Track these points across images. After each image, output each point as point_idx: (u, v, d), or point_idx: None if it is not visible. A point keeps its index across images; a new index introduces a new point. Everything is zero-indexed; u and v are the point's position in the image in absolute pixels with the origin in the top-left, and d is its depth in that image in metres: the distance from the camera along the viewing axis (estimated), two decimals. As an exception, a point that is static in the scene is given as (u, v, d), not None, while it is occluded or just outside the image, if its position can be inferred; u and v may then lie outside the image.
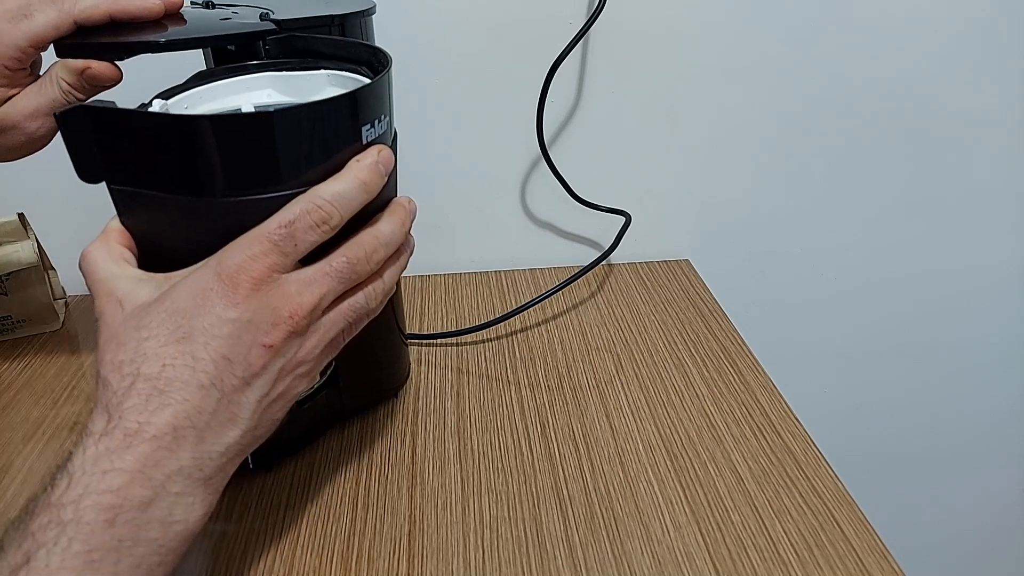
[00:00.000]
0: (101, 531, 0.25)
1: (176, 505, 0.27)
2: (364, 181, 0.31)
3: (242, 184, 0.30)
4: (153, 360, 0.27)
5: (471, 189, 0.69)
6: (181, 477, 0.27)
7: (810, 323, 0.83)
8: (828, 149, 0.72)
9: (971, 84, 0.69)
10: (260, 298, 0.28)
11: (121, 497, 0.26)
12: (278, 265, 0.29)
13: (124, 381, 0.27)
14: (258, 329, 0.28)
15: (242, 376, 0.28)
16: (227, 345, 0.28)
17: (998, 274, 0.82)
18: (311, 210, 0.29)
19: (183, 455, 0.27)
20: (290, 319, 0.29)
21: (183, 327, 0.28)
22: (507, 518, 0.43)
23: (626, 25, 0.62)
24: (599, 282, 0.70)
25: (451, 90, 0.63)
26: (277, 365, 0.29)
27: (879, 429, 0.93)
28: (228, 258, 0.29)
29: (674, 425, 0.51)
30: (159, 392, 0.27)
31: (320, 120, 0.30)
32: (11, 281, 0.60)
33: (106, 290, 0.30)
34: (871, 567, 0.40)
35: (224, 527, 0.43)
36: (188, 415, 0.27)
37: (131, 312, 0.29)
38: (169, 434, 0.27)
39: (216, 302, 0.28)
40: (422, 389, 0.55)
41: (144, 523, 0.26)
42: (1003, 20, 0.66)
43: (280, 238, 0.29)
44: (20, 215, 0.59)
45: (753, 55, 0.65)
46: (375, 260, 0.32)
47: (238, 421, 0.29)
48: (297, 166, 0.30)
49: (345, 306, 0.32)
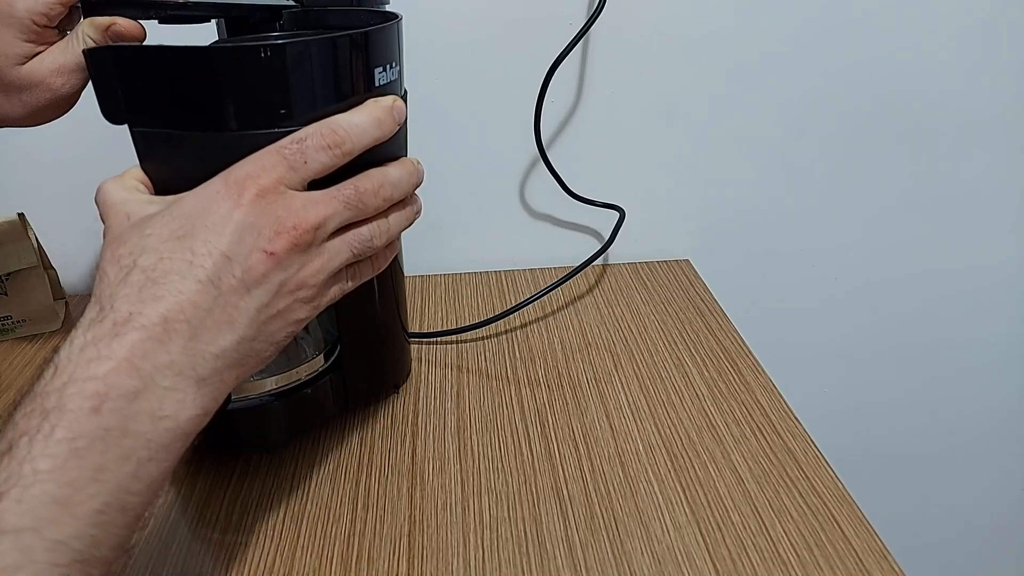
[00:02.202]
0: (86, 418, 0.24)
1: (165, 399, 0.26)
2: (379, 119, 0.32)
3: (259, 118, 0.30)
4: (151, 253, 0.27)
5: (471, 189, 0.69)
6: (171, 372, 0.26)
7: (810, 323, 0.83)
8: (828, 149, 0.72)
9: (971, 84, 0.69)
10: (265, 205, 0.28)
11: (107, 384, 0.25)
12: (286, 179, 0.29)
13: (120, 272, 0.27)
14: (260, 234, 0.28)
15: (241, 278, 0.28)
16: (228, 243, 0.28)
17: (998, 274, 0.82)
18: (325, 132, 0.30)
19: (174, 348, 0.26)
20: (294, 230, 0.29)
21: (186, 226, 0.28)
22: (507, 518, 0.43)
23: (626, 25, 0.62)
24: (598, 282, 0.70)
25: (451, 90, 0.63)
26: (278, 278, 0.29)
27: (879, 429, 0.93)
28: (238, 167, 0.29)
29: (674, 425, 0.51)
30: (153, 283, 0.27)
31: (333, 54, 0.31)
32: (11, 281, 0.60)
33: (115, 210, 0.30)
34: (871, 567, 0.40)
35: (224, 528, 0.43)
36: (182, 308, 0.27)
37: (137, 220, 0.29)
38: (160, 325, 0.26)
39: (221, 203, 0.28)
40: (422, 389, 0.55)
41: (132, 414, 0.25)
42: (1003, 20, 0.66)
43: (291, 152, 0.29)
44: (20, 215, 0.59)
45: (753, 55, 0.65)
46: (382, 196, 0.33)
47: (235, 326, 0.28)
48: (312, 100, 0.31)
49: (350, 235, 0.32)
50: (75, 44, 0.37)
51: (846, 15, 0.64)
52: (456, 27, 0.61)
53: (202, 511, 0.44)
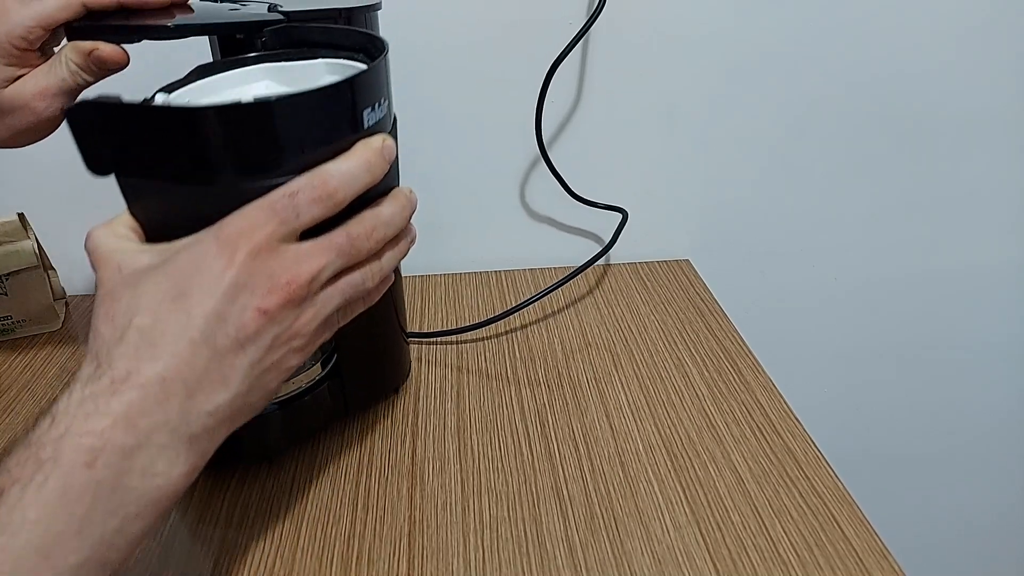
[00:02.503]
0: (79, 472, 0.25)
1: (159, 457, 0.27)
2: (369, 162, 0.31)
3: (247, 171, 0.30)
4: (146, 312, 0.27)
5: (471, 189, 0.69)
6: (167, 430, 0.27)
7: (810, 323, 0.83)
8: (828, 149, 0.72)
9: (971, 84, 0.69)
10: (258, 263, 0.28)
11: (103, 440, 0.25)
12: (278, 234, 0.29)
13: (116, 332, 0.27)
14: (253, 293, 0.28)
15: (235, 337, 0.28)
16: (221, 304, 0.28)
17: (998, 274, 0.82)
18: (316, 184, 0.29)
19: (170, 408, 0.27)
20: (287, 286, 0.29)
21: (179, 286, 0.28)
22: (507, 518, 0.43)
23: (626, 26, 0.62)
24: (599, 282, 0.70)
25: (451, 90, 0.63)
26: (271, 332, 0.29)
27: (879, 429, 0.93)
28: (229, 224, 0.29)
29: (674, 425, 0.51)
30: (150, 343, 0.27)
31: (320, 106, 0.31)
32: (11, 281, 0.60)
33: (106, 259, 0.30)
34: (871, 567, 0.40)
35: (224, 530, 0.43)
36: (178, 368, 0.27)
37: (129, 274, 0.29)
38: (157, 384, 0.26)
39: (213, 263, 0.28)
40: (422, 389, 0.55)
41: (125, 470, 0.26)
42: (1003, 20, 0.66)
43: (283, 207, 0.29)
44: (20, 215, 0.59)
45: (753, 55, 0.65)
46: (375, 238, 0.32)
47: (229, 384, 0.28)
48: (300, 151, 0.30)
49: (343, 283, 0.32)
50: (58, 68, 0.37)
51: (846, 15, 0.64)
52: (456, 28, 0.61)
53: (202, 513, 0.44)
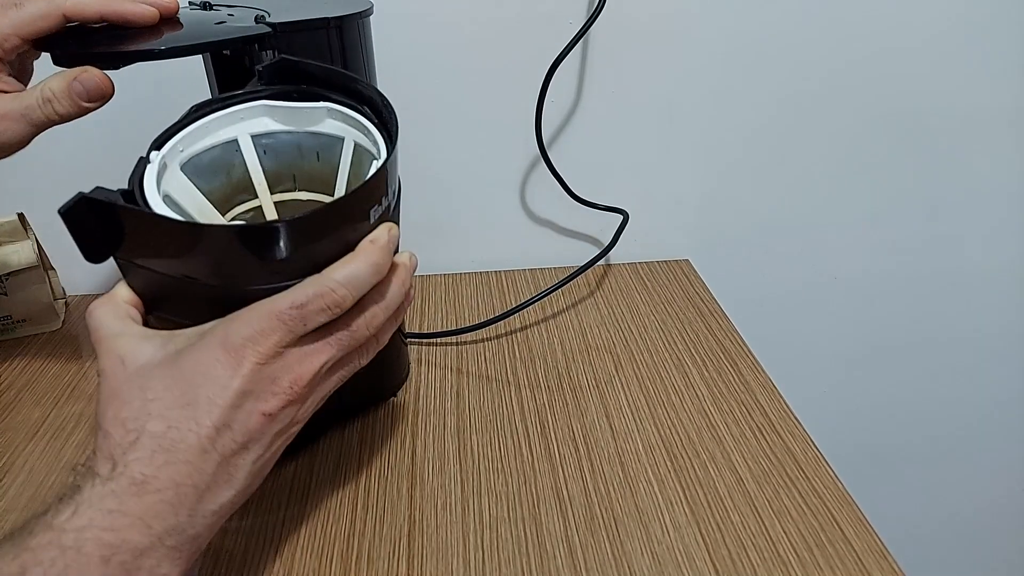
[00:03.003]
0: (96, 566, 0.26)
1: (165, 559, 0.28)
2: (377, 263, 0.31)
3: (250, 279, 0.30)
4: (158, 420, 0.28)
5: (471, 189, 0.69)
6: (176, 532, 0.28)
7: (810, 323, 0.83)
8: (828, 149, 0.72)
9: (971, 84, 0.69)
10: (263, 370, 0.29)
11: (120, 538, 0.26)
12: (284, 342, 0.29)
13: (128, 436, 0.28)
14: (258, 398, 0.29)
15: (241, 442, 0.29)
16: (228, 413, 0.29)
17: (998, 274, 0.82)
18: (324, 293, 0.30)
19: (182, 511, 0.28)
20: (290, 389, 0.30)
21: (188, 394, 0.29)
22: (507, 518, 0.43)
23: (626, 25, 0.62)
24: (599, 282, 0.70)
25: (450, 90, 0.63)
26: (274, 430, 0.30)
27: (879, 429, 0.93)
28: (235, 331, 0.29)
29: (674, 425, 0.51)
30: (164, 450, 0.28)
31: (330, 221, 0.30)
32: (11, 281, 0.60)
33: (108, 347, 0.31)
34: (871, 567, 0.40)
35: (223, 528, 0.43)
36: (189, 474, 0.28)
37: (134, 371, 0.30)
38: (171, 489, 0.28)
39: (220, 373, 0.29)
40: (422, 389, 0.55)
41: (134, 569, 0.27)
42: (1003, 20, 0.66)
43: (290, 319, 0.29)
44: (20, 215, 0.60)
45: (753, 55, 0.65)
46: (375, 325, 0.33)
47: (233, 482, 0.30)
48: (304, 259, 0.30)
49: (344, 371, 0.33)
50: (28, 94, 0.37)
51: (846, 16, 0.64)
52: (456, 27, 0.61)
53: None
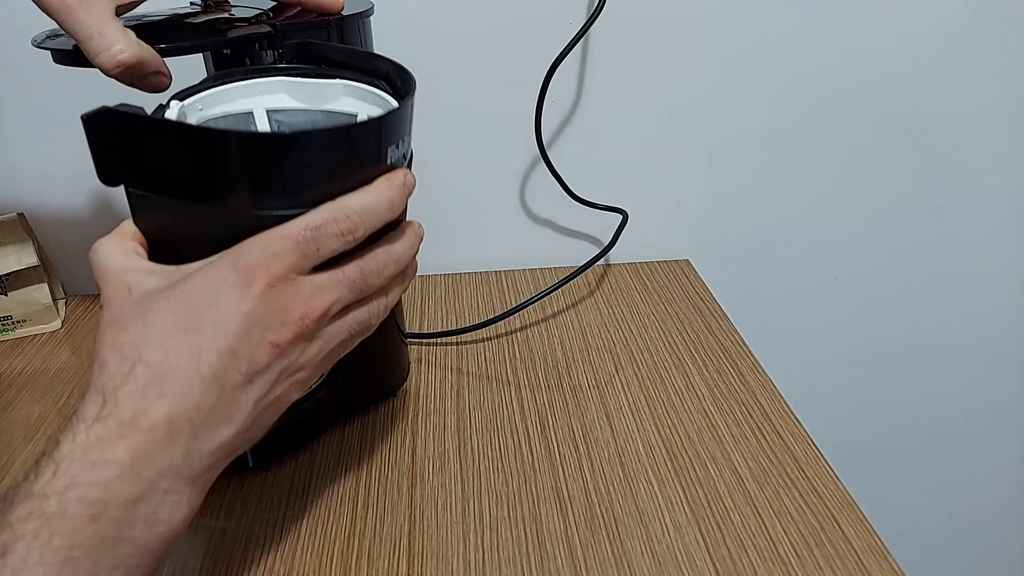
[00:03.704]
0: (84, 527, 0.24)
1: (162, 504, 0.26)
2: (391, 198, 0.31)
3: (263, 199, 0.30)
4: (156, 346, 0.27)
5: (471, 189, 0.69)
6: (171, 474, 0.26)
7: (810, 323, 0.83)
8: (828, 149, 0.72)
9: (971, 84, 0.69)
10: (274, 296, 0.28)
11: (108, 492, 0.25)
12: (297, 266, 0.29)
13: (124, 365, 0.26)
14: (268, 326, 0.28)
15: (245, 373, 0.28)
16: (235, 339, 0.27)
17: (998, 274, 0.82)
18: (339, 218, 0.29)
19: (175, 451, 0.26)
20: (300, 321, 0.29)
21: (192, 317, 0.27)
22: (507, 518, 0.43)
23: (626, 25, 0.62)
24: (599, 282, 0.70)
25: (450, 90, 0.63)
26: (280, 366, 0.29)
27: (879, 429, 0.93)
28: (247, 252, 0.28)
29: (674, 425, 0.51)
30: (159, 380, 0.26)
31: (346, 143, 0.30)
32: (11, 281, 0.60)
33: (114, 280, 0.29)
34: (871, 567, 0.40)
35: (224, 527, 0.43)
36: (185, 408, 0.26)
37: (139, 298, 0.28)
38: (164, 426, 0.26)
39: (229, 294, 0.27)
40: (422, 389, 0.55)
41: (128, 521, 0.25)
42: (1003, 20, 0.66)
43: (304, 240, 0.29)
44: (20, 215, 0.60)
45: (753, 55, 0.65)
46: (385, 275, 0.32)
47: (233, 420, 0.28)
48: (321, 185, 0.30)
49: (350, 317, 0.32)
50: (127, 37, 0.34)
51: (847, 16, 0.64)
52: (456, 27, 0.61)
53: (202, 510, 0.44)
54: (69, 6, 0.32)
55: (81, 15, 0.32)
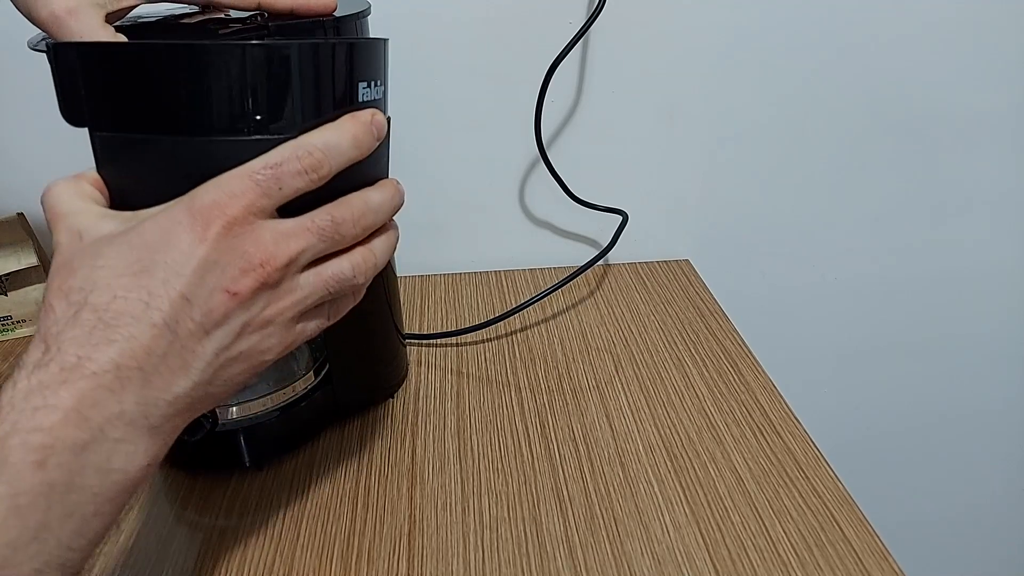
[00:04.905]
0: (29, 474, 0.23)
1: (115, 452, 0.25)
2: (356, 136, 0.29)
3: (232, 122, 0.28)
4: (104, 290, 0.25)
5: (470, 189, 0.69)
6: (122, 422, 0.25)
7: (810, 323, 0.83)
8: (829, 149, 0.72)
9: (971, 84, 0.69)
10: (232, 240, 0.26)
11: (53, 437, 0.23)
12: (257, 207, 0.27)
13: (69, 309, 0.25)
14: (224, 273, 0.26)
15: (199, 321, 0.26)
16: (188, 284, 0.25)
17: (998, 274, 0.82)
18: (301, 155, 0.27)
19: (126, 398, 0.25)
20: (261, 267, 0.27)
21: (143, 260, 0.25)
22: (507, 518, 0.43)
23: (626, 25, 0.62)
24: (599, 282, 0.70)
25: (450, 90, 0.63)
26: (241, 319, 0.27)
27: (879, 429, 0.93)
28: (204, 193, 0.26)
29: (674, 425, 0.51)
30: (105, 325, 0.25)
31: (317, 59, 0.29)
32: (11, 281, 0.60)
33: (67, 224, 0.28)
34: (871, 567, 0.40)
35: (224, 528, 0.43)
36: (134, 354, 0.25)
37: (90, 243, 0.27)
38: (111, 372, 0.24)
39: (183, 237, 0.26)
40: (422, 389, 0.55)
41: (79, 468, 0.24)
42: (1003, 20, 0.66)
43: (264, 179, 0.27)
44: (20, 215, 0.60)
45: (753, 55, 0.65)
46: (362, 225, 0.30)
47: (190, 371, 0.26)
48: (291, 108, 0.29)
49: (328, 273, 0.30)
50: None
51: (847, 16, 0.64)
52: (455, 27, 0.61)
53: (202, 510, 0.44)
54: (59, 17, 0.32)
55: (71, 24, 0.32)
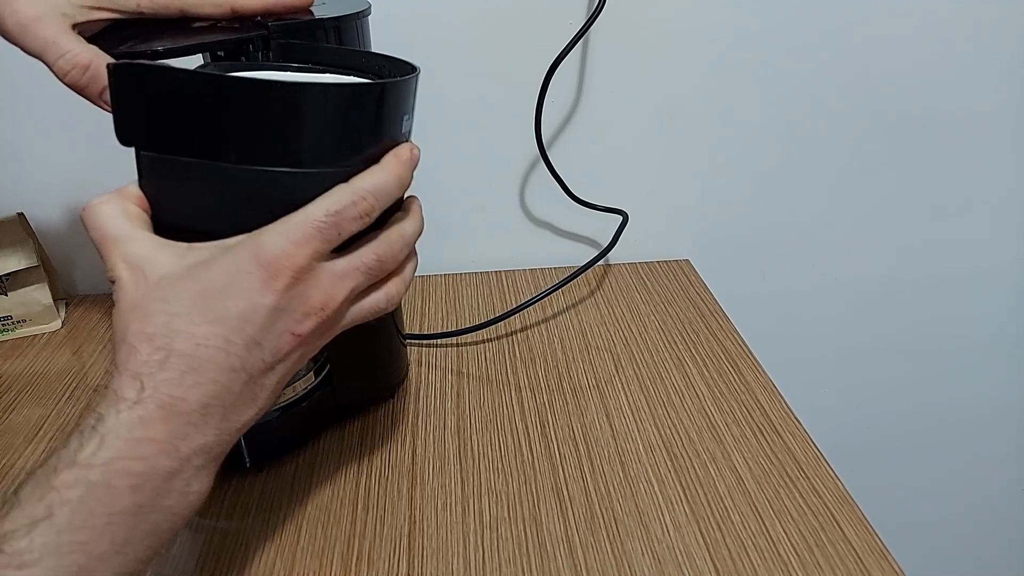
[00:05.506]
0: (125, 497, 0.26)
1: (194, 478, 0.28)
2: (400, 176, 0.32)
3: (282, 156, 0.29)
4: (186, 338, 0.27)
5: (471, 189, 0.69)
6: (204, 452, 0.28)
7: (810, 323, 0.83)
8: (828, 149, 0.72)
9: (971, 84, 0.69)
10: (297, 287, 0.29)
11: (150, 466, 0.26)
12: (319, 253, 0.29)
13: (156, 354, 0.27)
14: (291, 317, 0.29)
15: (268, 361, 0.29)
16: (259, 330, 0.28)
17: (998, 274, 0.82)
18: (356, 201, 0.29)
19: (208, 431, 0.28)
20: (322, 311, 0.30)
21: (216, 309, 0.28)
22: (507, 518, 0.43)
23: (626, 25, 0.62)
24: (599, 282, 0.70)
25: (450, 90, 0.63)
26: (299, 352, 0.30)
27: (879, 429, 0.93)
28: (270, 243, 0.28)
29: (674, 425, 0.51)
30: (193, 370, 0.27)
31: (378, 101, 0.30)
32: (11, 281, 0.60)
33: (122, 252, 0.29)
34: (871, 567, 0.40)
35: (225, 529, 0.43)
36: (218, 394, 0.28)
37: (155, 283, 0.28)
38: (199, 411, 0.27)
39: (255, 287, 0.28)
40: (422, 390, 0.55)
41: (165, 492, 0.27)
42: (1003, 20, 0.66)
43: (326, 226, 0.29)
44: (20, 215, 0.60)
45: (753, 55, 0.65)
46: (399, 259, 0.33)
47: (257, 401, 0.30)
48: (343, 145, 0.30)
49: (368, 306, 0.33)
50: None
51: (846, 15, 0.64)
52: (455, 27, 0.61)
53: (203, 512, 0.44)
54: (24, 25, 0.34)
55: (37, 31, 0.34)
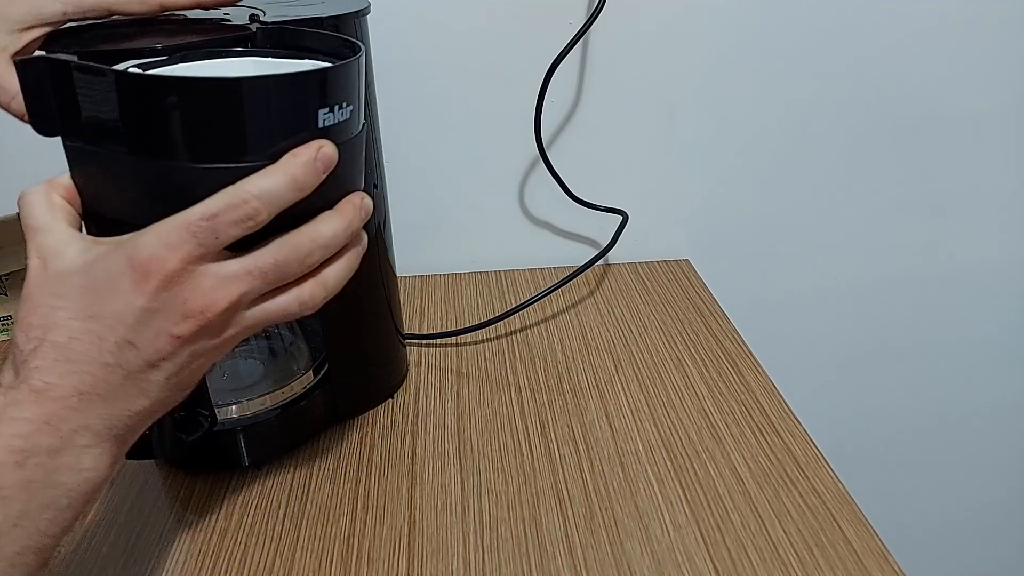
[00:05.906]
0: (11, 471, 0.26)
1: (84, 455, 0.28)
2: (295, 177, 0.29)
3: (185, 150, 0.29)
4: (61, 330, 0.28)
5: (470, 189, 0.69)
6: (88, 433, 0.28)
7: (810, 323, 0.83)
8: (828, 149, 0.72)
9: (971, 84, 0.69)
10: (171, 289, 0.28)
11: (30, 443, 0.27)
12: (193, 257, 0.28)
13: (30, 344, 0.28)
14: (166, 319, 0.28)
15: (147, 359, 0.28)
16: (132, 331, 0.28)
17: (998, 274, 0.82)
18: (237, 204, 0.28)
19: (89, 415, 0.28)
20: (201, 314, 0.28)
21: (93, 306, 0.28)
22: (507, 518, 0.43)
23: (626, 25, 0.62)
24: (599, 282, 0.70)
25: (450, 90, 0.63)
26: (186, 352, 0.29)
27: (879, 429, 0.93)
28: (143, 245, 0.28)
29: (674, 425, 0.51)
30: (65, 360, 0.28)
31: (269, 95, 0.29)
32: (11, 281, 0.60)
33: (36, 243, 0.30)
34: (871, 567, 0.40)
35: (224, 528, 0.43)
36: (94, 384, 0.28)
37: (51, 276, 0.29)
38: (74, 396, 0.28)
39: (125, 288, 0.28)
40: (422, 390, 0.55)
41: (53, 468, 0.27)
42: (1003, 20, 0.66)
43: (200, 230, 0.27)
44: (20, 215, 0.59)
45: (753, 55, 0.65)
46: (308, 263, 0.30)
47: (148, 394, 0.29)
48: (255, 139, 0.29)
49: (274, 309, 0.31)
50: None
51: (847, 16, 0.64)
52: (455, 27, 0.61)
53: (202, 511, 0.44)
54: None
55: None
